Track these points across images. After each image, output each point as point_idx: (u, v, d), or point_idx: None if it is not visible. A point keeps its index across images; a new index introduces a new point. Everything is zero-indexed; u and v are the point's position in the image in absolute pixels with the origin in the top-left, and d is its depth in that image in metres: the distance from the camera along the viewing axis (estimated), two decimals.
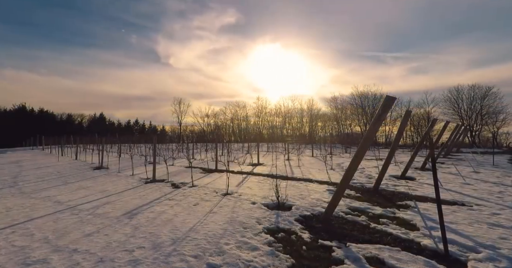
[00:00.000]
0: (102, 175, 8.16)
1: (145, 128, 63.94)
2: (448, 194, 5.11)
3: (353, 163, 3.40)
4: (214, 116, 49.24)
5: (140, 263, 2.45)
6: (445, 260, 2.50)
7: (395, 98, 3.28)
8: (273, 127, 45.17)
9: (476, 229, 3.27)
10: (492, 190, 5.41)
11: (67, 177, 7.88)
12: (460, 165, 9.39)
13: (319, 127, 42.56)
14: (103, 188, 6.17)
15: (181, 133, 48.77)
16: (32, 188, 6.31)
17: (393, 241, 2.95)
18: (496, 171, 8.13)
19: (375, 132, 3.60)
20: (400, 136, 6.04)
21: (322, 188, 5.74)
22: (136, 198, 5.05)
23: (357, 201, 4.68)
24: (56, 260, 2.56)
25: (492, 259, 2.48)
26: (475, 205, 4.32)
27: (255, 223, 3.51)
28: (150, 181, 6.82)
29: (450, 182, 6.32)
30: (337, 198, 3.55)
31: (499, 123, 30.51)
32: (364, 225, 3.46)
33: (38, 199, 5.22)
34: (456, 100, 32.72)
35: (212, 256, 2.59)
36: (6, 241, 3.07)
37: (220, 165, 9.21)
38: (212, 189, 5.65)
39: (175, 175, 7.86)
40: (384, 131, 35.21)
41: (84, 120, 59.35)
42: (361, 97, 36.81)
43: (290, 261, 2.50)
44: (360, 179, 6.80)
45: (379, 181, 5.51)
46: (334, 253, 2.66)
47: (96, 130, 37.63)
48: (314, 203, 4.45)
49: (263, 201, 4.61)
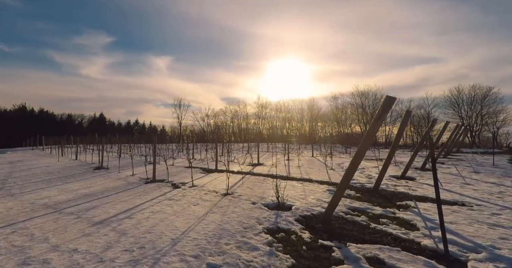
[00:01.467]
0: (102, 175, 8.16)
1: (145, 129, 63.97)
2: (448, 194, 5.11)
3: (353, 163, 3.40)
4: (214, 116, 49.31)
5: (140, 263, 2.45)
6: (445, 260, 2.50)
7: (395, 98, 3.29)
8: (273, 128, 45.19)
9: (476, 229, 3.27)
10: (492, 190, 5.41)
11: (67, 177, 7.88)
12: (460, 165, 9.39)
13: (319, 128, 42.59)
14: (103, 187, 6.17)
15: (181, 133, 48.81)
16: (32, 188, 6.31)
17: (393, 241, 2.95)
18: (496, 171, 8.13)
19: (375, 133, 3.60)
20: (400, 136, 6.04)
21: (322, 188, 5.74)
22: (136, 198, 5.05)
23: (357, 201, 4.68)
24: (56, 260, 2.56)
25: (492, 259, 2.48)
26: (475, 205, 4.32)
27: (255, 223, 3.51)
28: (150, 181, 6.82)
29: (450, 182, 6.31)
30: (337, 198, 3.55)
31: (499, 123, 30.53)
32: (364, 225, 3.46)
33: (38, 198, 5.22)
34: (456, 100, 32.75)
35: (212, 256, 2.59)
36: (6, 240, 3.07)
37: (220, 165, 9.21)
38: (212, 189, 5.65)
39: (175, 175, 7.86)
40: (384, 131, 35.22)
41: (84, 120, 59.44)
42: (361, 97, 36.85)
43: (290, 261, 2.50)
44: (360, 179, 6.80)
45: (379, 181, 5.51)
46: (334, 253, 2.66)
47: (96, 130, 37.62)
48: (314, 203, 4.45)
49: (263, 201, 4.61)
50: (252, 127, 47.22)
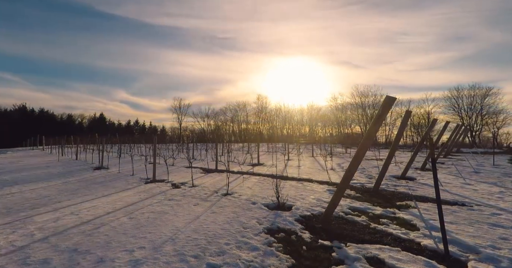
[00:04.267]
0: (102, 175, 8.16)
1: (145, 129, 63.96)
2: (449, 194, 5.11)
3: (353, 163, 3.40)
4: (214, 116, 49.31)
5: (140, 263, 2.45)
6: (445, 260, 2.50)
7: (395, 98, 3.28)
8: (273, 128, 45.18)
9: (476, 229, 3.27)
10: (493, 190, 5.41)
11: (67, 177, 7.88)
12: (460, 165, 9.38)
13: (319, 128, 42.58)
14: (102, 188, 6.17)
15: (181, 133, 48.82)
16: (32, 188, 6.30)
17: (393, 241, 2.95)
18: (496, 171, 8.12)
19: (375, 133, 3.60)
20: (400, 136, 6.03)
21: (322, 188, 5.74)
22: (136, 198, 5.05)
23: (357, 201, 4.68)
24: (56, 260, 2.56)
25: (493, 260, 2.48)
26: (475, 205, 4.31)
27: (255, 223, 3.51)
28: (150, 181, 6.81)
29: (450, 182, 6.31)
30: (337, 198, 3.55)
31: (499, 123, 30.53)
32: (364, 225, 3.46)
33: (38, 199, 5.22)
34: (456, 100, 32.76)
35: (212, 256, 2.59)
36: (6, 240, 3.07)
37: (220, 165, 9.21)
38: (212, 189, 5.65)
39: (175, 175, 7.85)
40: (384, 131, 35.24)
41: (84, 120, 59.43)
42: (361, 97, 36.86)
43: (290, 261, 2.50)
44: (360, 179, 6.80)
45: (379, 181, 5.50)
46: (334, 253, 2.66)
47: (96, 130, 37.63)
48: (314, 203, 4.45)
49: (263, 201, 4.60)
50: (252, 128, 47.25)
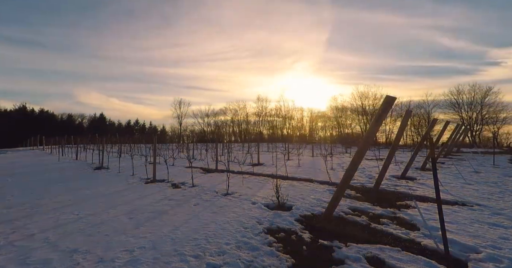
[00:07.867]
0: (102, 175, 8.16)
1: (145, 129, 63.92)
2: (449, 194, 5.10)
3: (354, 163, 3.40)
4: (214, 116, 49.27)
5: (141, 263, 2.45)
6: (446, 260, 2.50)
7: (395, 98, 3.28)
8: (273, 127, 45.16)
9: (476, 229, 3.26)
10: (493, 190, 5.40)
11: (67, 177, 7.88)
12: (460, 165, 9.38)
13: (319, 127, 42.57)
14: (103, 187, 6.17)
15: (181, 133, 48.82)
16: (32, 187, 6.30)
17: (393, 241, 2.95)
18: (496, 171, 8.12)
19: (375, 132, 3.60)
20: (400, 135, 6.03)
21: (322, 188, 5.74)
22: (136, 198, 5.04)
23: (358, 201, 4.68)
24: (56, 259, 2.56)
25: (493, 259, 2.48)
26: (475, 205, 4.31)
27: (255, 223, 3.51)
28: (150, 181, 6.81)
29: (451, 182, 6.31)
30: (337, 198, 3.55)
31: (499, 123, 30.50)
32: (364, 225, 3.45)
33: (38, 199, 5.22)
34: (456, 100, 32.74)
35: (212, 256, 2.59)
36: (6, 240, 3.07)
37: (220, 164, 9.20)
38: (212, 189, 5.65)
39: (175, 174, 7.85)
40: (384, 131, 35.20)
41: (85, 120, 59.39)
42: (361, 97, 36.82)
43: (291, 261, 2.50)
44: (360, 179, 6.80)
45: (379, 181, 5.50)
46: (334, 253, 2.66)
47: (96, 130, 37.67)
48: (314, 203, 4.45)
49: (263, 201, 4.60)
50: (252, 127, 47.23)
